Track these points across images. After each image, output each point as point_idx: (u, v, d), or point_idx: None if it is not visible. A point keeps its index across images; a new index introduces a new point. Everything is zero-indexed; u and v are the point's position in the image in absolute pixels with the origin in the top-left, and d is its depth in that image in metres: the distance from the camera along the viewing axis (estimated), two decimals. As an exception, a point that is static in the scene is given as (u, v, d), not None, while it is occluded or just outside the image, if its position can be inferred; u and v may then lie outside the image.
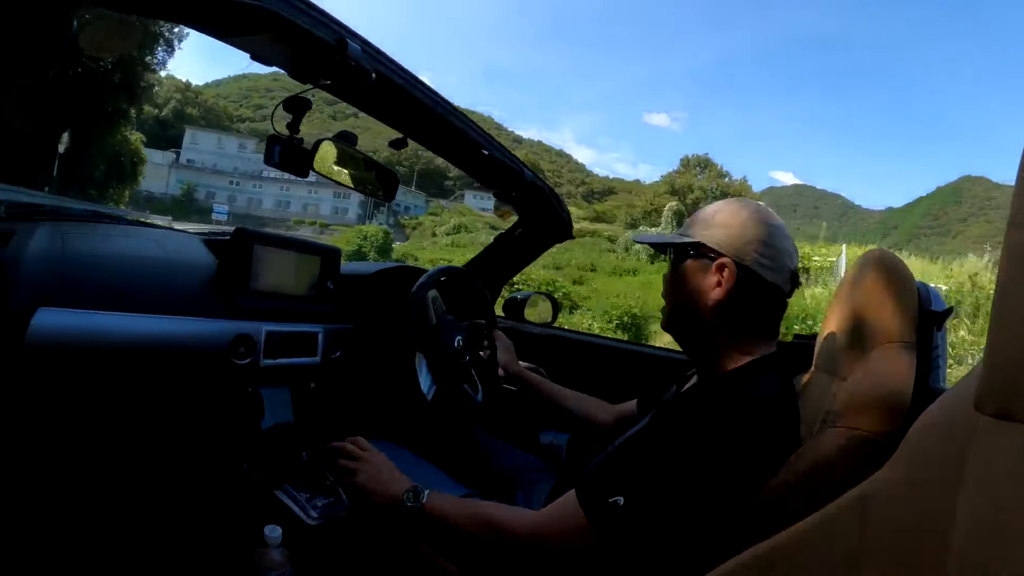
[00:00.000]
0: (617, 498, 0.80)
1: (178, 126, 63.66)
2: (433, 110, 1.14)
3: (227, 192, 61.58)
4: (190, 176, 61.21)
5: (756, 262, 0.91)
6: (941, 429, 0.47)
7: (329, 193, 62.05)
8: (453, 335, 1.46)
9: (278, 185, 63.52)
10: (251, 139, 70.69)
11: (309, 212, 61.77)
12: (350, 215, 60.44)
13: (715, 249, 0.93)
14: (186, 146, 65.06)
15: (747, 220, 0.94)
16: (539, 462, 1.46)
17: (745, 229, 0.93)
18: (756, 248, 0.91)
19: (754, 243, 0.91)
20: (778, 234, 0.94)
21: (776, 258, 0.92)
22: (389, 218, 58.75)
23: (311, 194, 63.24)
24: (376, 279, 1.59)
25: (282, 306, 1.28)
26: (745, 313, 0.93)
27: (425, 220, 51.10)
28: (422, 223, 52.37)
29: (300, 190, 63.14)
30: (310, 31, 0.81)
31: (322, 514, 1.16)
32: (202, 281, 1.17)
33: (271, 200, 63.98)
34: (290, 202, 63.97)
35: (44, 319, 0.95)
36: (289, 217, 59.55)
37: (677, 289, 0.99)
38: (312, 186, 61.36)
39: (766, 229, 0.93)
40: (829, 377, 0.93)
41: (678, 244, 0.99)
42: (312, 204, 63.29)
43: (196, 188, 60.35)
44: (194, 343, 1.11)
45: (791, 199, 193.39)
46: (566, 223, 1.78)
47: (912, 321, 0.85)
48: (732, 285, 0.91)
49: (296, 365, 1.30)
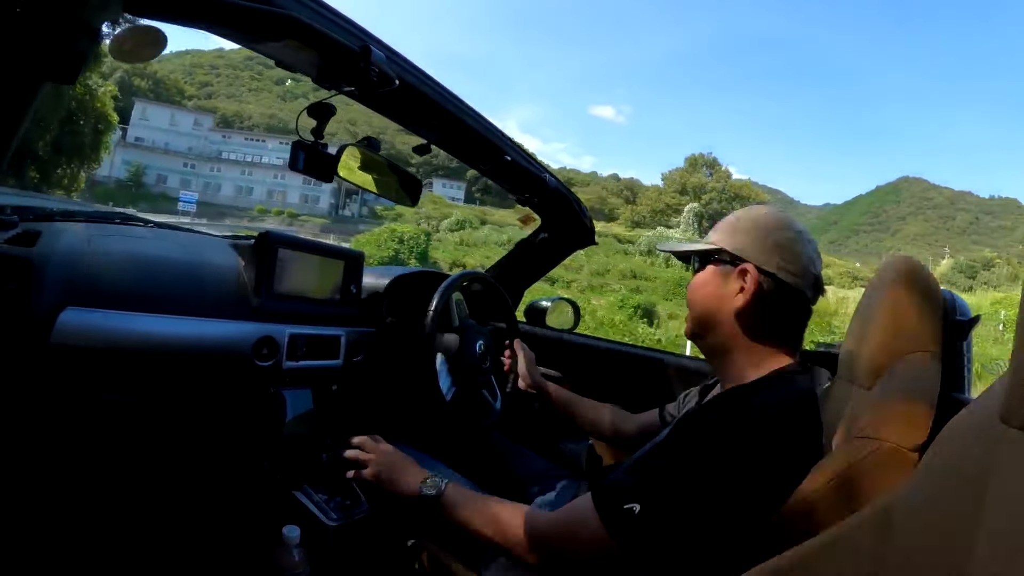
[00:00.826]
0: (633, 505, 0.80)
1: (125, 99, 51.55)
2: (456, 116, 1.15)
3: (180, 175, 54.74)
4: (138, 157, 52.95)
5: (778, 267, 0.91)
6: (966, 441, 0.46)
7: (298, 179, 52.99)
8: (475, 339, 1.46)
9: (239, 169, 57.38)
10: (207, 115, 63.90)
11: (275, 200, 56.05)
12: (321, 204, 55.84)
13: (737, 255, 0.93)
14: (134, 122, 55.22)
15: (769, 226, 0.94)
16: (557, 468, 1.45)
17: (767, 235, 0.93)
18: (778, 254, 0.91)
19: (776, 249, 0.91)
20: (801, 240, 0.93)
21: (798, 263, 0.91)
22: (362, 208, 55.57)
23: (277, 179, 56.66)
24: (399, 284, 1.60)
25: (305, 309, 1.30)
26: (768, 319, 0.92)
27: (406, 211, 45.02)
28: (402, 214, 47.27)
29: (264, 174, 57.11)
30: (334, 38, 0.82)
31: (341, 515, 1.17)
32: (227, 283, 1.19)
33: (231, 186, 56.87)
34: (253, 188, 57.11)
35: (70, 318, 0.97)
36: (252, 205, 54.29)
37: (700, 296, 0.99)
38: (278, 170, 55.92)
39: (788, 235, 0.93)
40: (852, 387, 0.91)
41: (700, 251, 1.00)
42: (278, 191, 56.79)
43: (145, 170, 52.91)
44: (218, 344, 1.13)
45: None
46: (588, 229, 1.78)
47: (937, 330, 0.83)
48: (754, 290, 0.91)
49: (318, 367, 1.31)
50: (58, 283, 0.98)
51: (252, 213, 52.06)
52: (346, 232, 45.81)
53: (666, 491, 0.79)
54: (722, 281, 0.95)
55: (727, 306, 0.93)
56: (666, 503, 0.79)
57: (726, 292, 0.94)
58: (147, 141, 54.94)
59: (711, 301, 0.96)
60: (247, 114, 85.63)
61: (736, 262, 0.93)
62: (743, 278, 0.92)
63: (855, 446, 0.74)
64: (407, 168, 1.30)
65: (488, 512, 0.96)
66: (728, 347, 0.96)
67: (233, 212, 52.02)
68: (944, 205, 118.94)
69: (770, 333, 0.93)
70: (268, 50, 0.84)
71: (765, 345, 0.93)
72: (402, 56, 0.98)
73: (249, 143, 62.04)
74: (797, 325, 0.94)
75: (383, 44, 0.93)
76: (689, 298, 1.02)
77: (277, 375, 1.22)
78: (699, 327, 1.01)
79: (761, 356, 0.93)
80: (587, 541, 0.82)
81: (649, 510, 0.79)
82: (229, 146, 60.87)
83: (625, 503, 0.80)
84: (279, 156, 56.45)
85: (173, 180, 53.47)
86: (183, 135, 57.25)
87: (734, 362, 0.95)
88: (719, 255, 0.96)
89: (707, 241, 1.00)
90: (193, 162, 56.19)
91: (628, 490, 0.82)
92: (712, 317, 0.97)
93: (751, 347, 0.93)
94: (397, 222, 39.65)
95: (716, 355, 1.00)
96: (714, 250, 0.97)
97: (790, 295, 0.91)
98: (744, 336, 0.93)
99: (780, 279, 0.91)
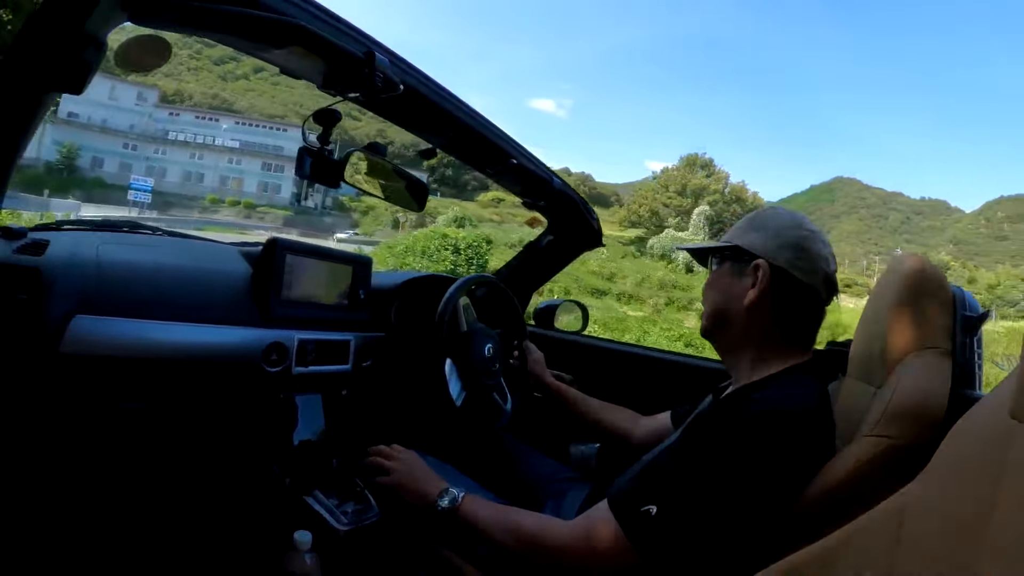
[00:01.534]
0: (650, 507, 0.80)
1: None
2: (462, 121, 1.15)
3: (119, 158, 46.83)
4: (72, 136, 44.49)
5: (790, 264, 0.92)
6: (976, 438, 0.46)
7: (256, 163, 48.96)
8: (484, 343, 1.46)
9: (188, 151, 49.61)
10: (152, 90, 53.25)
11: (230, 188, 49.15)
12: (283, 193, 48.39)
13: (750, 252, 0.95)
14: (67, 95, 48.16)
15: (782, 225, 0.96)
16: (569, 470, 1.45)
17: (780, 233, 0.95)
18: (791, 252, 0.92)
19: (789, 247, 0.93)
20: (814, 239, 0.95)
21: (811, 261, 0.92)
22: (326, 198, 47.99)
23: (232, 164, 49.73)
24: (407, 288, 1.61)
25: (314, 315, 1.30)
26: (779, 316, 0.93)
27: (377, 203, 33.28)
28: (374, 207, 42.81)
29: (217, 158, 49.71)
30: (339, 44, 0.83)
31: (352, 520, 1.17)
32: (236, 290, 1.20)
33: (178, 171, 49.02)
34: (204, 174, 49.53)
35: (79, 327, 0.97)
36: (203, 194, 47.96)
37: (714, 293, 1.01)
38: (234, 154, 49.38)
39: (801, 233, 0.94)
40: (863, 385, 0.90)
41: (715, 248, 1.02)
42: (233, 177, 49.51)
43: (79, 152, 44.64)
44: (227, 351, 1.14)
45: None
46: (596, 231, 1.77)
47: (947, 327, 0.82)
48: (766, 286, 0.92)
49: (328, 373, 1.32)
50: (68, 292, 0.99)
51: (203, 203, 46.56)
52: (313, 227, 41.19)
53: (682, 491, 0.79)
54: (736, 278, 0.97)
55: (740, 302, 0.95)
56: (682, 503, 0.79)
57: (739, 288, 0.95)
58: (82, 117, 46.34)
59: (724, 297, 0.98)
60: (188, 92, 77.75)
61: (749, 258, 0.94)
62: (755, 274, 0.93)
63: (866, 444, 0.74)
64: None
65: (505, 523, 0.96)
66: (741, 344, 0.97)
67: (182, 202, 45.90)
68: (877, 205, 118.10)
69: (782, 330, 0.93)
70: (273, 57, 0.85)
71: (777, 342, 0.94)
72: (407, 61, 0.99)
73: (200, 122, 53.94)
74: (810, 323, 0.95)
75: (387, 49, 0.93)
76: (704, 295, 1.04)
77: (287, 381, 1.23)
78: (712, 323, 1.02)
79: (773, 353, 0.93)
80: (606, 546, 0.82)
81: (666, 511, 0.79)
82: (177, 125, 52.33)
83: (642, 505, 0.80)
84: (235, 137, 50.95)
85: (111, 164, 46.16)
86: (124, 111, 48.33)
87: (747, 359, 0.96)
88: (733, 252, 0.98)
89: (723, 240, 1.02)
90: (135, 142, 48.15)
91: (644, 492, 0.82)
92: (725, 313, 0.98)
93: (763, 344, 0.94)
94: (370, 216, 35.37)
95: (729, 352, 1.02)
96: (729, 247, 0.99)
97: (802, 292, 0.92)
98: (756, 333, 0.94)
99: (792, 275, 0.91)
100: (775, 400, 0.85)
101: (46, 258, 1.01)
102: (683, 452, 0.84)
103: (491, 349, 1.47)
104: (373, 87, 0.90)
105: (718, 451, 0.80)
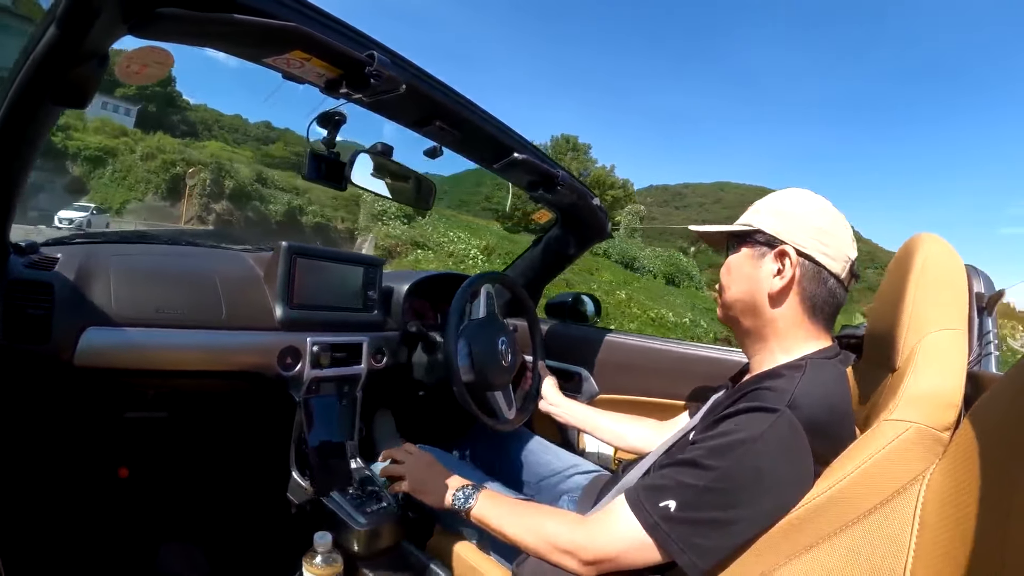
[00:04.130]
0: (669, 502, 0.79)
1: None
2: (465, 117, 1.14)
3: None
4: None
5: (818, 251, 0.89)
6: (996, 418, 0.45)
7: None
8: (498, 335, 1.46)
9: None
10: None
11: None
12: None
13: (775, 236, 0.92)
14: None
15: (807, 208, 0.93)
16: (586, 463, 1.44)
17: (805, 217, 0.92)
18: (816, 236, 0.90)
19: (814, 231, 0.90)
20: (838, 223, 0.92)
21: (836, 247, 0.90)
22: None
23: None
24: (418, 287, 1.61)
25: (327, 317, 1.31)
26: (805, 303, 0.91)
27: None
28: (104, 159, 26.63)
29: None
30: (340, 46, 0.82)
31: (370, 519, 1.18)
32: (248, 296, 1.21)
33: None
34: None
35: (92, 338, 0.99)
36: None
37: (736, 279, 0.97)
38: None
39: (825, 217, 0.92)
40: (879, 368, 0.89)
41: (736, 232, 0.98)
42: None
43: None
44: (242, 356, 1.15)
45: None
46: (603, 222, 1.76)
47: (962, 307, 0.81)
48: (793, 273, 0.89)
49: (343, 374, 1.32)
50: (80, 305, 1.00)
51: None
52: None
53: (700, 485, 0.78)
54: (759, 263, 0.94)
55: (764, 289, 0.92)
56: (701, 496, 0.78)
57: (763, 275, 0.93)
58: None
59: (747, 284, 0.95)
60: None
61: (774, 244, 0.92)
62: (781, 260, 0.91)
63: (885, 429, 0.72)
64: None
65: (523, 519, 0.95)
66: (764, 332, 0.94)
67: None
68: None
69: (806, 316, 0.91)
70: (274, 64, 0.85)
71: (801, 329, 0.92)
72: (407, 59, 0.98)
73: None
74: (832, 309, 0.93)
75: (387, 49, 0.93)
76: (723, 281, 1.01)
77: (302, 383, 1.24)
78: (734, 310, 0.99)
79: (795, 341, 0.92)
80: (626, 543, 0.82)
81: (685, 506, 0.78)
82: None
83: (660, 501, 0.79)
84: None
85: None
86: None
87: (767, 347, 0.94)
88: (756, 236, 0.95)
89: (743, 222, 0.98)
90: None
91: (662, 488, 0.81)
92: (748, 300, 0.95)
93: (787, 332, 0.92)
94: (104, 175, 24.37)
95: (750, 339, 0.99)
96: (751, 231, 0.95)
97: (828, 279, 0.90)
98: (780, 320, 0.92)
99: (819, 262, 0.89)
100: (792, 388, 0.82)
101: (57, 272, 1.02)
102: (699, 445, 0.82)
103: (504, 343, 1.47)
104: (376, 88, 0.90)
105: (735, 442, 0.78)
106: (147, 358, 1.04)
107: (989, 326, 0.86)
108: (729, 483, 0.77)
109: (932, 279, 0.83)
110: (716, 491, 0.78)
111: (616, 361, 1.82)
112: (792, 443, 0.77)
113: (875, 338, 0.95)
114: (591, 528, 0.87)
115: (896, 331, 0.83)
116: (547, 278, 2.01)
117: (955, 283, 0.83)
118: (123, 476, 1.22)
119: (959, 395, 0.71)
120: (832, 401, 0.83)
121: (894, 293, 0.87)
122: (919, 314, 0.81)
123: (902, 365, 0.80)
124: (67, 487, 1.12)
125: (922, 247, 0.87)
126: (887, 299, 0.90)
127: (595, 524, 0.87)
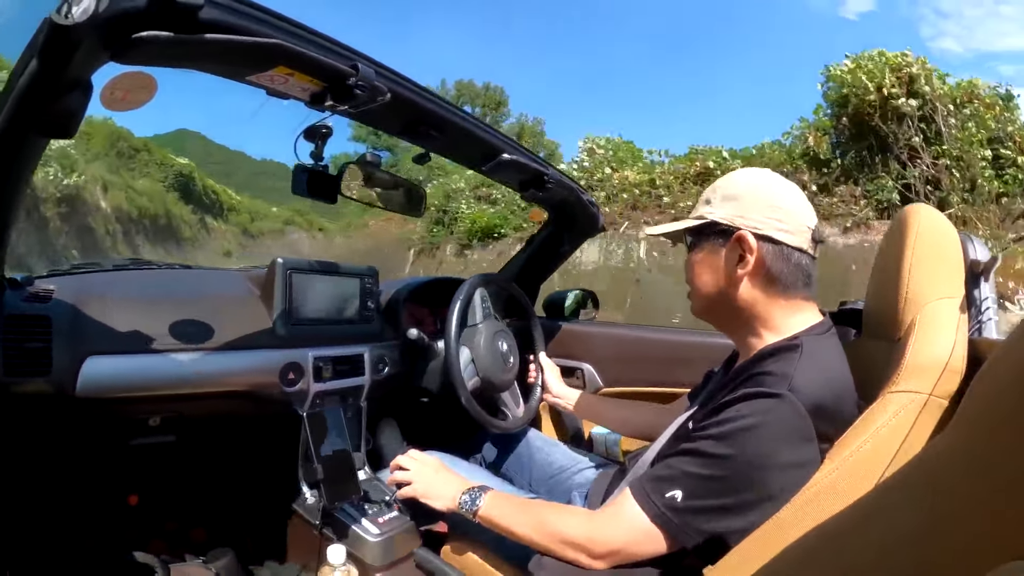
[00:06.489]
0: (675, 492, 0.79)
1: None
2: (450, 120, 1.14)
3: None
4: None
5: (775, 228, 0.87)
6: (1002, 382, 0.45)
7: None
8: (499, 338, 1.47)
9: None
10: None
11: None
12: None
13: (729, 225, 0.90)
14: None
15: (751, 188, 0.91)
16: (593, 458, 1.45)
17: (752, 198, 0.90)
18: (770, 214, 0.88)
19: (768, 209, 0.88)
20: (788, 195, 0.91)
21: (791, 220, 0.88)
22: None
23: None
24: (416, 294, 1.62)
25: (326, 331, 1.31)
26: (775, 283, 0.89)
27: None
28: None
29: None
30: (323, 60, 0.82)
31: (383, 529, 1.18)
32: (246, 315, 1.20)
33: None
34: None
35: (93, 368, 0.98)
36: None
37: (700, 275, 0.96)
38: None
39: (773, 192, 0.90)
40: (881, 342, 0.89)
41: (691, 228, 0.96)
42: None
43: None
44: (245, 375, 1.14)
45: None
46: (595, 217, 1.77)
47: (958, 275, 0.82)
48: (755, 257, 0.88)
49: (345, 386, 1.32)
50: (78, 335, 0.99)
51: None
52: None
53: (705, 473, 0.79)
54: (719, 255, 0.92)
55: (730, 279, 0.91)
56: (707, 485, 0.78)
57: (726, 266, 0.91)
58: None
59: (712, 278, 0.93)
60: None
61: (730, 232, 0.90)
62: (741, 247, 0.89)
63: (889, 401, 0.73)
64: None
65: (530, 517, 0.95)
66: (742, 318, 0.93)
67: None
68: (224, 162, 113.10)
69: (781, 296, 0.90)
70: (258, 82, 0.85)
71: (778, 308, 0.90)
72: (390, 68, 0.98)
73: None
74: (806, 282, 0.91)
75: (370, 59, 0.93)
76: (689, 279, 0.99)
77: (306, 398, 1.24)
78: (707, 305, 0.97)
79: (778, 319, 0.90)
80: (635, 534, 0.82)
81: (691, 495, 0.78)
82: None
83: (667, 492, 0.80)
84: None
85: None
86: None
87: (752, 330, 0.93)
88: (712, 228, 0.93)
89: (696, 216, 0.96)
90: None
91: (667, 479, 0.81)
92: (717, 294, 0.94)
93: (766, 313, 0.91)
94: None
95: (731, 328, 0.98)
96: (706, 224, 0.93)
97: (792, 254, 0.88)
98: (755, 305, 0.91)
99: (779, 240, 0.88)
100: (787, 367, 0.81)
101: (54, 304, 1.01)
102: (701, 432, 0.82)
103: (505, 345, 1.48)
104: (360, 98, 0.90)
105: (735, 426, 0.78)
106: (150, 384, 1.03)
107: (986, 292, 0.87)
108: (734, 470, 0.77)
109: (927, 249, 0.83)
110: (721, 479, 0.78)
111: (617, 353, 1.82)
112: (796, 426, 0.77)
113: (874, 311, 0.96)
114: (599, 522, 0.88)
115: (895, 303, 0.84)
116: (543, 276, 2.01)
117: (950, 252, 0.84)
118: (133, 504, 1.21)
119: (962, 362, 0.71)
120: (832, 381, 0.83)
121: (891, 265, 0.88)
122: (917, 285, 0.82)
123: (903, 336, 0.80)
124: (77, 519, 1.12)
125: (915, 218, 0.87)
126: (884, 272, 0.91)
127: (603, 518, 0.88)
